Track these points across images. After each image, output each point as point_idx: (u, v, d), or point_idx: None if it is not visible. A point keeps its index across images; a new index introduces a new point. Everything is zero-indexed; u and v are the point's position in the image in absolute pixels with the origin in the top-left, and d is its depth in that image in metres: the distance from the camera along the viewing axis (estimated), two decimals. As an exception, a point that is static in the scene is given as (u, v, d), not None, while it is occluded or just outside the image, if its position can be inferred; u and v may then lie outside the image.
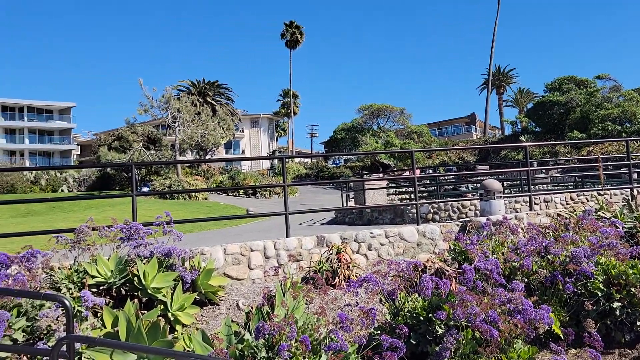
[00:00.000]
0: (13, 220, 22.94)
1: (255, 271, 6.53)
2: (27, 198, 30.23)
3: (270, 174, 47.15)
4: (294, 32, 61.26)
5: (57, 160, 63.76)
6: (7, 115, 61.46)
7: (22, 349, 3.98)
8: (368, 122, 51.82)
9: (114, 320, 4.61)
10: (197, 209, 25.84)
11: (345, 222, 15.35)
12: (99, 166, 14.81)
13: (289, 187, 26.79)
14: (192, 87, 51.25)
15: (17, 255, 4.80)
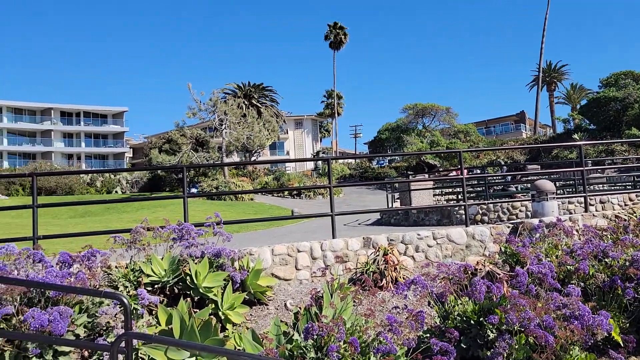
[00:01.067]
0: (72, 220, 24.09)
1: (302, 272, 6.59)
2: (84, 200, 31.69)
3: (315, 174, 47.40)
4: (337, 33, 61.33)
5: (111, 163, 66.48)
6: (65, 120, 64.63)
7: (84, 343, 4.18)
8: (413, 122, 51.20)
9: (168, 318, 4.77)
10: (244, 210, 26.32)
11: (391, 223, 15.23)
12: (151, 169, 15.38)
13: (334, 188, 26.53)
14: (238, 90, 52.24)
15: (78, 254, 5.04)
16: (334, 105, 65.33)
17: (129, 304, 3.74)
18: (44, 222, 19.93)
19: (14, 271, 4.61)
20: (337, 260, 6.53)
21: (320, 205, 31.07)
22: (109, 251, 5.47)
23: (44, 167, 45.69)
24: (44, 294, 4.42)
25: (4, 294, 4.17)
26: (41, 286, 4.06)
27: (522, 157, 41.88)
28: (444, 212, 13.04)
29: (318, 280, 6.53)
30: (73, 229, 18.08)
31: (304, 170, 52.44)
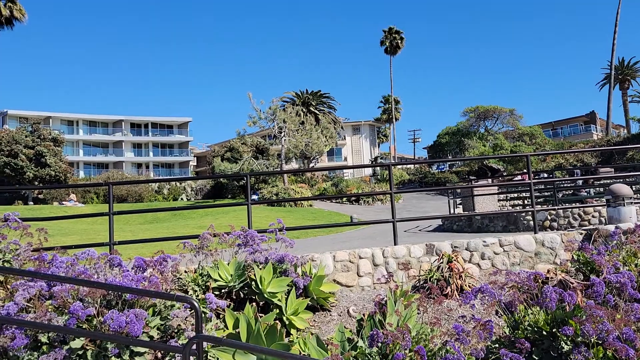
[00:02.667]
0: (141, 226, 25.30)
1: (364, 278, 6.57)
2: (153, 207, 33.20)
3: (373, 180, 47.12)
4: (393, 38, 60.92)
5: (176, 171, 69.32)
6: (135, 131, 68.17)
7: (157, 345, 4.38)
8: (474, 125, 49.87)
9: (234, 322, 4.91)
10: (303, 216, 26.61)
11: (453, 230, 14.87)
12: (215, 177, 15.89)
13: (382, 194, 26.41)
14: (296, 97, 53.04)
15: (151, 259, 5.30)
16: (391, 110, 64.83)
17: (199, 308, 3.89)
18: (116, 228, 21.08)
19: (94, 275, 4.91)
20: (400, 267, 6.46)
21: (379, 211, 30.85)
22: (179, 256, 5.71)
23: (115, 176, 48.34)
24: (121, 297, 4.67)
25: (86, 295, 4.46)
26: (119, 289, 4.30)
27: (593, 159, 39.66)
28: (509, 218, 12.58)
29: (380, 287, 6.49)
30: (143, 235, 19.00)
31: (362, 176, 52.27)
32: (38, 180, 39.09)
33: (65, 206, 37.15)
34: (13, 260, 5.34)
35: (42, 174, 39.63)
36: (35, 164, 39.66)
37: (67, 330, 4.18)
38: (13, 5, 44.04)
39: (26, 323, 4.13)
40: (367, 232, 15.94)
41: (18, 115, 58.52)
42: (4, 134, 40.26)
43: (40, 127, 42.94)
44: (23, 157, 38.92)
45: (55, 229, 20.88)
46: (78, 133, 64.15)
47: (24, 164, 38.99)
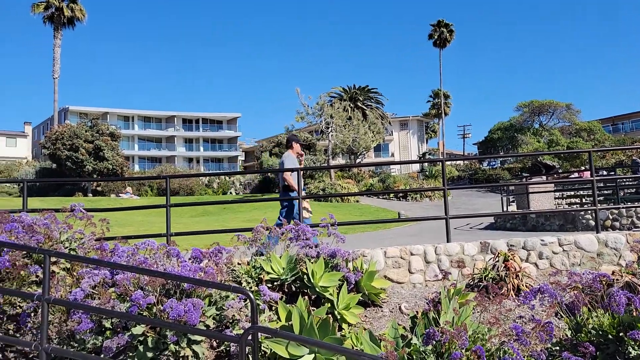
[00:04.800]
0: (192, 219, 26.04)
1: (415, 275, 6.49)
2: (204, 200, 34.10)
3: (421, 176, 46.45)
4: (442, 31, 59.64)
5: (225, 166, 70.85)
6: (186, 127, 70.16)
7: (214, 334, 4.49)
8: (528, 120, 48.15)
9: (287, 315, 4.96)
10: (350, 211, 26.58)
11: (507, 228, 14.44)
12: (265, 171, 16.15)
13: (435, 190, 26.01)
14: (344, 93, 52.95)
15: (207, 250, 5.43)
16: (440, 105, 63.60)
17: (255, 300, 3.95)
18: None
19: (154, 265, 5.08)
20: (453, 265, 6.34)
21: (427, 207, 30.38)
22: (233, 248, 5.82)
23: (168, 170, 49.95)
24: (179, 286, 4.82)
25: (147, 284, 4.62)
26: (178, 279, 4.43)
27: (658, 156, 37.42)
28: (567, 217, 12.09)
29: (432, 285, 6.39)
30: (194, 227, 19.54)
31: (409, 172, 51.64)
32: (96, 173, 40.96)
33: (121, 198, 38.77)
34: (78, 248, 5.60)
35: (100, 167, 41.47)
36: (94, 158, 41.55)
37: (129, 316, 4.35)
38: (74, 5, 46.20)
39: (92, 309, 4.33)
40: (415, 229, 15.74)
41: (78, 111, 61.45)
42: (66, 129, 42.37)
43: (99, 123, 44.91)
44: (83, 151, 40.86)
45: (112, 219, 21.76)
46: (133, 128, 66.67)
47: (84, 157, 40.92)
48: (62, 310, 4.57)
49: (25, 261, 4.80)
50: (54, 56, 46.51)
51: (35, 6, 45.75)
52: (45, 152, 43.52)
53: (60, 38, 46.60)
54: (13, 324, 4.71)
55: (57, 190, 40.53)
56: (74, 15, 46.61)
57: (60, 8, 45.72)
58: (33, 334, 4.53)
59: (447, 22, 59.54)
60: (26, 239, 5.08)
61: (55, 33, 46.46)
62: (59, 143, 40.85)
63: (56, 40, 46.43)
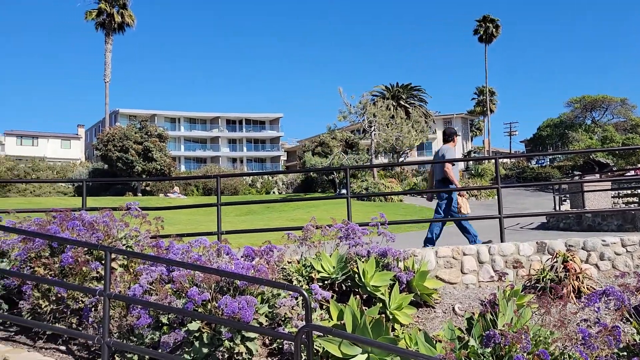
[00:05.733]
0: (238, 218, 26.48)
1: (468, 276, 6.33)
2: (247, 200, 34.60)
3: (466, 175, 45.45)
4: (488, 27, 58.17)
5: (268, 166, 71.72)
6: (230, 127, 71.48)
7: (268, 331, 4.52)
8: (580, 116, 46.30)
9: (339, 314, 4.93)
10: (393, 211, 26.31)
11: (560, 228, 13.90)
12: (312, 170, 16.20)
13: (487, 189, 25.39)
14: (386, 91, 52.49)
15: (259, 248, 5.47)
16: (485, 102, 62.05)
17: (308, 298, 3.95)
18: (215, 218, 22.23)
19: (207, 262, 5.16)
20: (508, 266, 6.14)
21: (474, 207, 29.65)
22: (283, 247, 5.85)
23: (213, 170, 51.01)
24: (232, 284, 4.87)
25: (202, 281, 4.70)
26: (233, 276, 4.48)
27: None
28: (626, 217, 11.52)
29: (486, 286, 6.22)
30: (240, 226, 19.84)
31: (454, 171, 50.56)
32: (145, 174, 42.30)
33: (169, 197, 39.89)
34: (134, 246, 5.77)
35: (149, 167, 42.81)
36: (143, 159, 42.93)
37: (185, 312, 4.44)
38: (125, 11, 47.90)
39: (150, 304, 4.45)
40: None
41: (128, 113, 63.70)
42: (117, 131, 43.99)
43: (147, 124, 46.38)
44: (133, 152, 42.30)
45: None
46: (180, 130, 68.46)
47: (134, 158, 42.35)
48: (121, 305, 4.71)
49: (87, 257, 4.98)
50: (105, 61, 48.39)
51: (88, 13, 47.74)
52: (98, 153, 45.35)
53: (111, 43, 48.44)
54: (76, 317, 4.90)
55: (108, 189, 42.14)
56: (124, 21, 48.34)
57: (111, 14, 47.52)
58: (94, 328, 4.69)
59: (493, 17, 58.04)
60: (87, 236, 5.28)
61: (106, 38, 48.33)
62: (110, 145, 42.45)
63: (107, 45, 48.29)
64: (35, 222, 5.55)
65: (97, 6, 47.62)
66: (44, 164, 48.27)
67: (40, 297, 4.80)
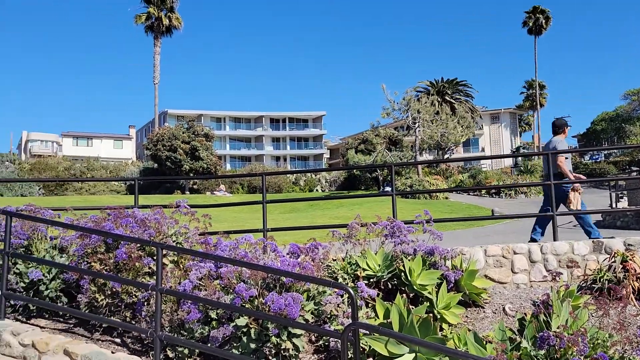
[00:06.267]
0: (282, 215, 26.73)
1: (519, 275, 6.14)
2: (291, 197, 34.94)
3: (515, 171, 44.11)
4: (537, 18, 56.17)
5: (311, 164, 72.06)
6: (273, 126, 72.30)
7: (315, 329, 4.54)
8: (638, 109, 43.95)
9: (385, 312, 4.89)
10: (439, 209, 25.83)
11: (617, 226, 13.28)
12: (357, 167, 16.14)
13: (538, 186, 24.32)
14: (431, 87, 51.64)
15: (304, 246, 5.51)
16: (535, 96, 60.00)
17: (355, 296, 3.93)
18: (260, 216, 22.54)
19: (254, 259, 5.23)
20: (561, 265, 5.91)
21: (523, 204, 28.76)
22: (328, 244, 5.86)
23: (257, 168, 51.73)
24: (278, 280, 4.92)
25: (249, 278, 4.77)
26: (279, 273, 4.52)
27: None
28: (690, 215, 10.85)
29: (538, 286, 6.01)
30: (283, 223, 20.00)
31: (502, 167, 49.24)
32: (193, 172, 43.41)
33: (216, 195, 40.77)
34: (184, 242, 5.92)
35: (196, 166, 43.90)
36: (190, 158, 44.06)
37: (234, 308, 4.52)
38: (172, 14, 49.28)
39: (200, 299, 4.55)
40: (512, 227, 14.95)
41: (176, 114, 65.53)
42: (165, 131, 45.34)
43: (194, 124, 47.55)
44: (181, 151, 43.49)
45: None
46: (225, 129, 69.83)
47: (182, 157, 43.54)
48: (172, 300, 4.85)
49: (140, 253, 5.15)
50: (154, 63, 49.97)
51: (137, 17, 49.43)
52: (148, 153, 46.88)
53: (159, 46, 49.97)
54: (130, 311, 5.07)
55: (158, 188, 43.51)
56: (171, 23, 49.75)
57: (160, 18, 48.99)
58: (147, 322, 4.85)
59: (544, 8, 55.98)
60: (139, 232, 5.46)
61: (155, 41, 49.90)
62: (160, 144, 43.81)
63: (156, 48, 49.84)
64: (91, 219, 5.79)
65: (146, 10, 49.22)
66: (98, 164, 50.40)
67: (96, 291, 5.01)
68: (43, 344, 4.53)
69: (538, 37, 57.27)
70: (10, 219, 5.22)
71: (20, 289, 5.32)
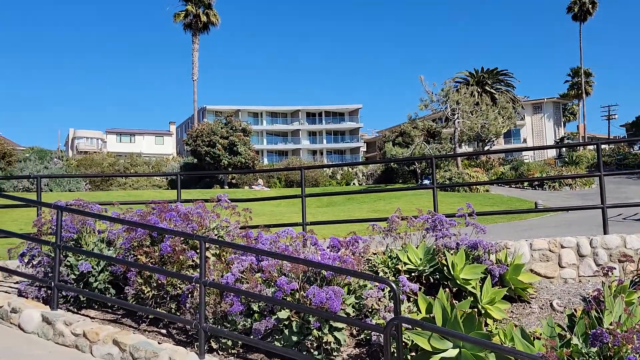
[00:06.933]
0: (319, 209, 26.76)
1: (567, 270, 5.92)
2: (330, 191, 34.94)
3: (559, 163, 42.66)
4: (583, 3, 53.96)
5: (347, 157, 71.86)
6: (310, 120, 72.43)
7: (357, 322, 4.52)
8: (691, 96, 41.57)
9: (427, 307, 4.82)
10: (480, 202, 25.24)
11: (670, 219, 12.63)
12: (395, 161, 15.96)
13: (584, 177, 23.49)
14: (470, 77, 50.44)
15: (344, 239, 5.49)
16: (580, 85, 57.79)
17: (397, 290, 3.88)
18: (298, 210, 22.69)
19: (294, 252, 5.25)
20: (612, 260, 5.67)
21: (568, 197, 27.78)
22: (368, 238, 5.81)
23: (294, 162, 51.99)
24: (319, 274, 4.92)
25: (289, 271, 4.80)
26: (321, 266, 4.52)
27: None
28: None
29: (587, 281, 5.79)
30: (321, 217, 20.03)
31: (545, 159, 47.72)
32: (231, 167, 44.05)
33: (254, 190, 41.26)
34: (225, 235, 6.00)
35: (234, 161, 44.52)
36: (229, 153, 44.70)
37: (275, 301, 4.55)
38: (210, 11, 50.00)
39: (243, 292, 4.60)
40: (557, 220, 14.47)
41: (214, 109, 66.60)
42: (204, 127, 46.12)
43: (232, 120, 48.17)
44: (219, 146, 44.16)
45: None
46: (262, 124, 70.49)
47: (220, 152, 44.22)
48: (215, 292, 4.93)
49: (183, 247, 5.26)
50: (193, 60, 50.85)
51: (176, 15, 50.37)
52: (188, 148, 47.84)
53: (197, 43, 50.79)
54: (174, 303, 5.19)
55: (198, 182, 44.38)
56: (209, 20, 50.46)
57: (197, 14, 49.77)
58: (191, 313, 4.95)
59: (589, -8, 53.76)
60: (183, 226, 5.57)
61: (193, 38, 50.74)
62: (199, 140, 44.61)
63: (194, 45, 50.69)
64: (136, 213, 5.95)
65: (184, 8, 50.08)
66: (140, 159, 51.85)
67: (142, 284, 5.14)
68: (94, 333, 4.70)
69: (583, 24, 55.07)
70: (61, 213, 5.42)
71: (71, 281, 5.53)
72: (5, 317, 5.32)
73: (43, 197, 7.31)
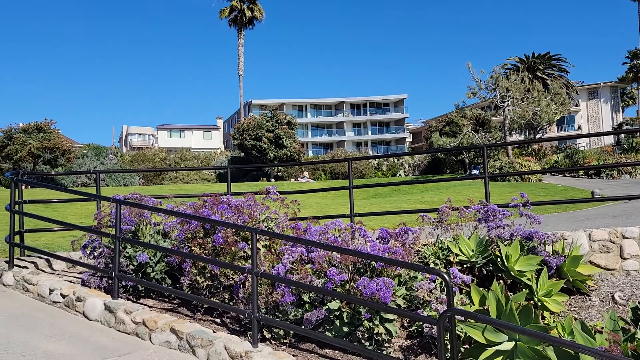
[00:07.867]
0: (365, 201, 26.68)
1: (629, 261, 5.65)
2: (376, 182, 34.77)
3: (617, 150, 40.63)
4: (642, -21, 50.81)
5: (393, 148, 71.15)
6: (354, 111, 72.14)
7: (409, 314, 4.49)
8: None
9: (480, 299, 4.72)
10: (532, 191, 24.43)
11: None
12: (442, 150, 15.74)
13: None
14: (520, 63, 48.67)
15: (394, 231, 5.45)
16: (639, 67, 54.57)
17: (450, 282, 3.82)
18: (344, 202, 22.66)
19: (343, 243, 5.26)
20: (680, 251, 5.36)
21: (627, 185, 26.45)
22: (418, 229, 5.74)
23: (339, 154, 51.98)
24: (368, 265, 4.91)
25: (339, 262, 4.82)
26: (371, 258, 4.51)
27: None
28: None
29: (651, 273, 5.50)
30: (367, 209, 19.96)
31: (602, 146, 45.57)
32: (277, 160, 44.56)
33: (300, 182, 41.61)
34: (275, 227, 6.08)
35: (280, 154, 45.01)
36: (274, 146, 45.23)
37: (326, 292, 4.58)
38: (254, 6, 50.58)
39: (293, 282, 4.66)
40: (617, 210, 13.80)
41: (259, 104, 67.49)
42: (251, 121, 46.83)
43: (277, 113, 48.66)
44: (265, 140, 44.76)
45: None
46: (306, 116, 70.81)
47: (266, 145, 44.81)
48: (267, 283, 5.01)
49: (235, 238, 5.37)
50: (238, 55, 51.72)
51: (221, 11, 51.33)
52: (235, 142, 48.73)
53: (242, 38, 51.59)
54: (227, 293, 5.33)
55: (245, 175, 45.19)
56: (253, 15, 51.11)
57: (242, 10, 50.51)
58: (244, 303, 5.06)
59: (649, -32, 50.53)
60: (234, 218, 5.69)
61: (238, 34, 51.58)
62: (246, 134, 45.36)
63: (239, 40, 51.52)
64: (190, 206, 6.12)
65: (229, 4, 50.89)
66: (190, 154, 53.33)
67: (197, 274, 5.30)
68: (152, 322, 4.89)
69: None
70: (120, 207, 5.65)
71: (130, 271, 5.78)
72: (71, 305, 5.62)
73: (100, 192, 7.65)
